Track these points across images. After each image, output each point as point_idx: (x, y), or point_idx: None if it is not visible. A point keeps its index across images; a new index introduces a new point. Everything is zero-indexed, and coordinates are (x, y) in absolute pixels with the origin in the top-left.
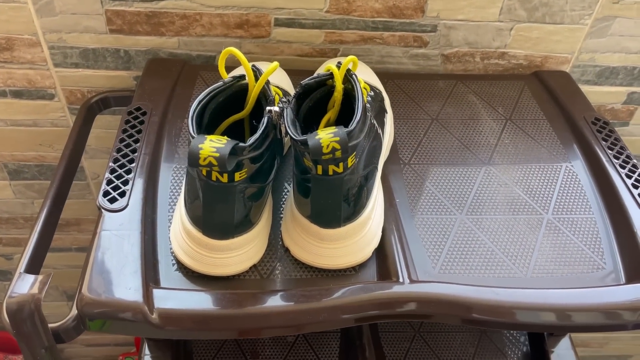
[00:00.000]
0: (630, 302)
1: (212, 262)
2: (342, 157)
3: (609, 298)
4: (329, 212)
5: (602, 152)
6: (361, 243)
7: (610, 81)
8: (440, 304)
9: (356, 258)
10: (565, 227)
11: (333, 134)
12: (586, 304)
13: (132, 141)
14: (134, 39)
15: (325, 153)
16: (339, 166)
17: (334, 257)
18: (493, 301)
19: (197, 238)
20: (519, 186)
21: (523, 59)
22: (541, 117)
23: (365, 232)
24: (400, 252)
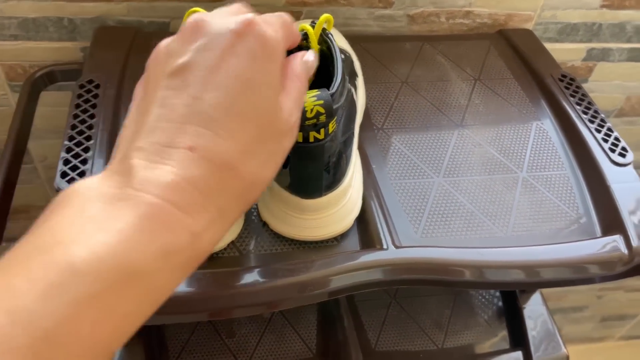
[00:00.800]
0: (607, 254)
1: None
2: (325, 121)
3: (587, 251)
4: (311, 181)
5: (570, 109)
6: (343, 212)
7: (570, 38)
8: (428, 268)
9: (339, 227)
10: (540, 184)
11: (316, 97)
12: (566, 259)
13: (87, 117)
14: (79, 5)
15: (309, 118)
16: (320, 132)
17: (316, 227)
18: (480, 262)
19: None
20: (492, 146)
21: (487, 17)
22: (509, 76)
23: (346, 200)
24: (381, 218)
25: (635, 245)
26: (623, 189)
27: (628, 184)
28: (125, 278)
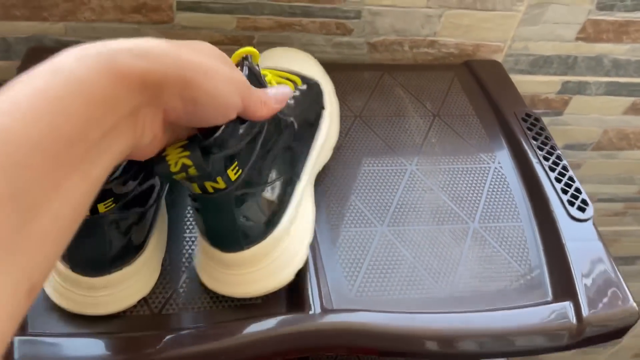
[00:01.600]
0: (555, 323)
1: (87, 301)
2: (199, 175)
3: (532, 319)
4: (225, 234)
5: (531, 152)
6: (274, 266)
7: (544, 70)
8: (356, 335)
9: (270, 284)
10: (491, 237)
11: (182, 148)
12: (509, 328)
13: None
14: (12, 24)
15: (174, 172)
16: (217, 181)
17: (241, 284)
18: (411, 329)
19: (66, 275)
20: (445, 192)
21: (454, 47)
22: (470, 112)
23: (278, 254)
24: (313, 274)
25: (585, 316)
26: (579, 248)
27: (585, 243)
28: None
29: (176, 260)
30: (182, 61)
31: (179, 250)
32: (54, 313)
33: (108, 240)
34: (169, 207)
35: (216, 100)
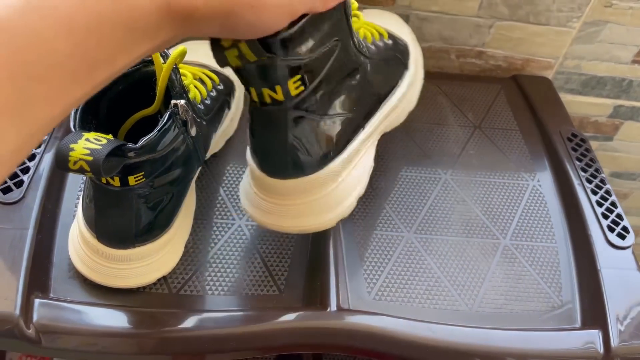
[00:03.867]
0: (581, 351)
1: (108, 273)
2: (256, 67)
3: (557, 344)
4: (274, 155)
5: (574, 173)
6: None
7: (596, 92)
8: (371, 338)
9: (307, 222)
10: (522, 255)
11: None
12: (531, 350)
13: None
14: None
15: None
16: (275, 90)
17: (278, 215)
18: (430, 340)
19: (92, 244)
20: (477, 205)
21: (502, 60)
22: (513, 127)
23: (323, 195)
24: (333, 271)
25: (614, 346)
26: (615, 276)
27: (622, 271)
28: None
29: (200, 243)
30: None
31: (203, 234)
32: (76, 281)
33: (135, 213)
34: (199, 191)
35: (256, 29)
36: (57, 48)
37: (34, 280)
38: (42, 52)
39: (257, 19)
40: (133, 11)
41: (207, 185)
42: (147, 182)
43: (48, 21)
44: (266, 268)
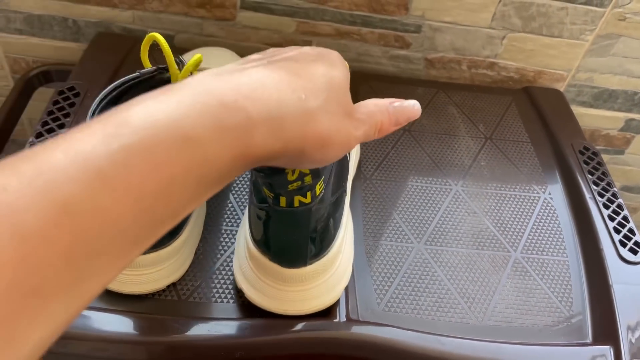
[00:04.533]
0: None
1: (120, 279)
2: (312, 183)
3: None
4: (294, 249)
5: (585, 187)
6: (331, 282)
7: (608, 105)
8: (379, 350)
9: (325, 300)
10: (533, 268)
11: None
12: None
13: (56, 125)
14: (84, 8)
15: (291, 181)
16: (306, 196)
17: (298, 301)
18: (439, 353)
19: None
20: (488, 217)
21: (514, 71)
22: (525, 139)
23: (335, 269)
24: None
25: None
26: (627, 292)
27: (634, 287)
28: (177, 139)
29: (210, 250)
30: (309, 132)
31: (213, 242)
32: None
33: None
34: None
35: (320, 163)
36: (122, 218)
37: None
38: (106, 226)
39: (323, 156)
40: (206, 166)
41: (218, 193)
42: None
43: (117, 194)
44: None
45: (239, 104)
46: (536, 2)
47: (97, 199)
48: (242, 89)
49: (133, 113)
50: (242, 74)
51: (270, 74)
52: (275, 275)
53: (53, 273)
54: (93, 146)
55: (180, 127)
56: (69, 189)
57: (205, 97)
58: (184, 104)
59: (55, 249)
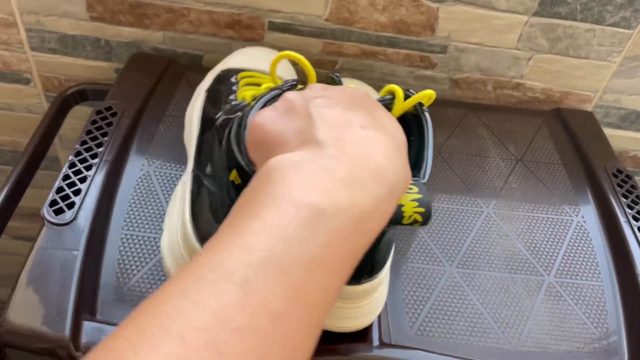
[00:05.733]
0: None
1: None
2: (423, 221)
3: None
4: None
5: (620, 210)
6: (374, 303)
7: (635, 126)
8: None
9: (364, 321)
10: (568, 293)
11: (418, 203)
12: None
13: (94, 145)
14: (116, 29)
15: (405, 224)
16: None
17: (342, 318)
18: None
19: None
20: (521, 240)
21: (540, 92)
22: (556, 161)
23: (380, 290)
24: None
25: None
26: None
27: None
28: (357, 217)
29: None
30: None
31: None
32: (121, 304)
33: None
34: None
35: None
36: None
37: (82, 303)
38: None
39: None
40: (373, 232)
41: None
42: None
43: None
44: None
45: (382, 175)
46: (563, 24)
47: (320, 279)
48: (378, 160)
49: (315, 199)
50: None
51: (379, 136)
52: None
53: (299, 344)
54: (299, 231)
55: (357, 206)
56: (299, 274)
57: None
58: (348, 181)
59: (299, 324)
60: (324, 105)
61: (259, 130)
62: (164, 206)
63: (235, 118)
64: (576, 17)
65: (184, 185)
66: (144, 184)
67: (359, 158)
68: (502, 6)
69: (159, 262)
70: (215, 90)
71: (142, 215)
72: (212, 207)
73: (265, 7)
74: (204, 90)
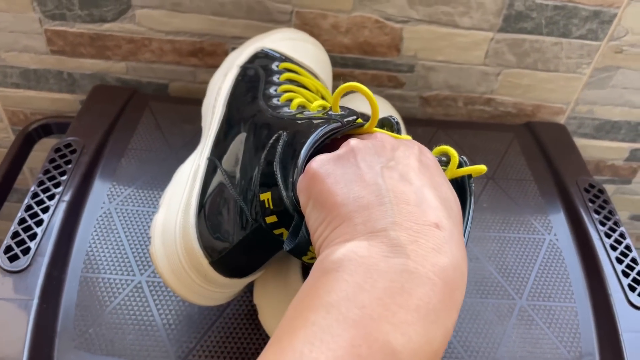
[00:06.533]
0: None
1: (209, 295)
2: None
3: None
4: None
5: (592, 228)
6: None
7: (611, 136)
8: None
9: None
10: (540, 317)
11: None
12: None
13: (52, 185)
14: (78, 61)
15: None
16: None
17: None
18: None
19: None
20: (492, 262)
21: (512, 106)
22: (528, 177)
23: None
24: None
25: None
26: (636, 340)
27: None
28: (429, 357)
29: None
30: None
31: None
32: (84, 353)
33: None
34: None
35: None
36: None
37: (37, 354)
38: None
39: None
40: None
41: None
42: None
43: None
44: None
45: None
46: (529, 39)
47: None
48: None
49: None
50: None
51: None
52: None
53: None
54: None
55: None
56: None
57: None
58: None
59: None
60: (397, 179)
61: (315, 182)
62: (125, 245)
63: (281, 135)
64: (542, 32)
65: (194, 167)
66: (104, 222)
67: (434, 277)
68: (465, 24)
69: (120, 305)
70: (250, 69)
71: (103, 255)
72: (225, 209)
73: (227, 34)
74: (237, 65)
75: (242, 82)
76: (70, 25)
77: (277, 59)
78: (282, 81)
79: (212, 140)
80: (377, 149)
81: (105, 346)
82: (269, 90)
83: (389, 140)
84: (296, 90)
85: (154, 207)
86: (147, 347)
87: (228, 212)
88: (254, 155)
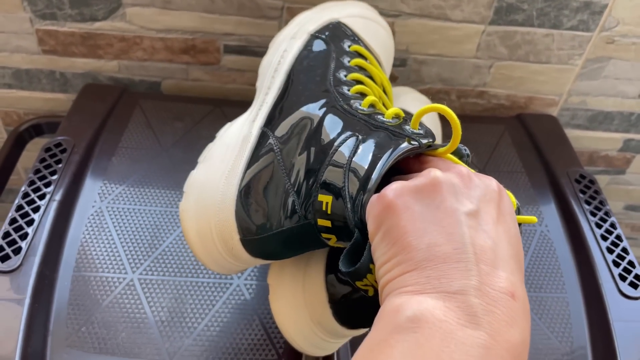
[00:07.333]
0: None
1: (226, 266)
2: None
3: None
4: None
5: (583, 218)
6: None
7: (604, 126)
8: None
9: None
10: (532, 308)
11: None
12: None
13: (42, 184)
14: (70, 60)
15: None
16: None
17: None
18: None
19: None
20: None
21: (505, 99)
22: (519, 169)
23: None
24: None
25: None
26: (627, 329)
27: (636, 324)
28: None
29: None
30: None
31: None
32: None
33: None
34: None
35: None
36: None
37: (30, 353)
38: None
39: None
40: None
41: None
42: None
43: None
44: (265, 331)
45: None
46: (520, 31)
47: None
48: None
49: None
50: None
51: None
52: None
53: None
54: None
55: None
56: None
57: None
58: None
59: None
60: (476, 229)
61: (390, 214)
62: (117, 243)
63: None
64: (533, 23)
65: (244, 132)
66: (95, 221)
67: (505, 355)
68: (457, 17)
69: (112, 302)
70: (320, 41)
71: (94, 254)
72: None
73: (218, 31)
74: (307, 32)
75: (310, 54)
76: (61, 24)
77: (349, 38)
78: (352, 66)
79: (268, 110)
80: (460, 189)
81: (98, 344)
82: (339, 74)
83: (472, 178)
84: (366, 82)
85: (145, 205)
86: (140, 345)
87: (275, 195)
88: (320, 150)
